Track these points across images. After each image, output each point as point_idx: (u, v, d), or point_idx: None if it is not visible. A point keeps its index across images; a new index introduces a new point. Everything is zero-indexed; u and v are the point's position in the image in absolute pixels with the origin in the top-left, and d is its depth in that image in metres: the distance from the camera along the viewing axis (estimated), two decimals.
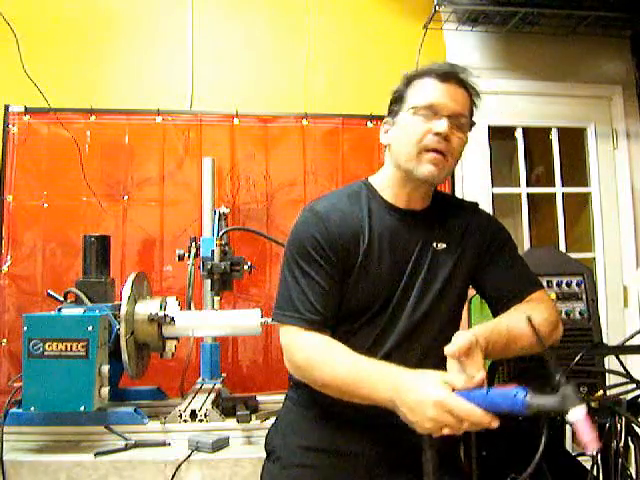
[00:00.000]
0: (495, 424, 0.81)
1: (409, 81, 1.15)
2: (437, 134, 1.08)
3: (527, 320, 0.89)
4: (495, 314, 1.17)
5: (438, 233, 1.18)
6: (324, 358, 1.05)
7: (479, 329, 1.01)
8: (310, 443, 1.16)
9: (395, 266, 1.13)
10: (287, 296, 1.11)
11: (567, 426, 1.37)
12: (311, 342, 1.08)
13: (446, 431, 0.86)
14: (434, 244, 1.16)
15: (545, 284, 1.32)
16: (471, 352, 0.92)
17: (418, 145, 1.09)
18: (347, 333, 1.13)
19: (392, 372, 0.95)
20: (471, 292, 1.29)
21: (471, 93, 1.18)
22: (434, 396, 0.85)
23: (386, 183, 1.19)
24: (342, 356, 1.04)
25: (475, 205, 1.28)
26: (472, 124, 1.19)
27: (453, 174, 2.54)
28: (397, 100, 1.16)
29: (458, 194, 2.53)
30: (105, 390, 1.48)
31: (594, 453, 0.71)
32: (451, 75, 1.12)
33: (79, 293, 1.67)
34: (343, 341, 1.08)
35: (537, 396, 0.74)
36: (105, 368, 1.48)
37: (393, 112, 1.17)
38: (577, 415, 0.71)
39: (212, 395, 1.72)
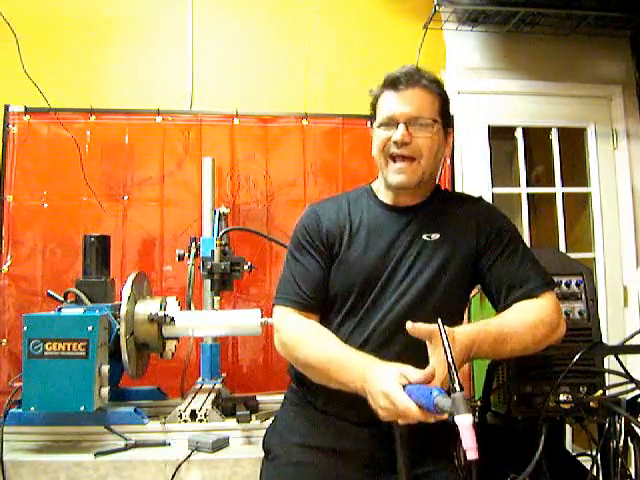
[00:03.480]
0: (430, 420, 0.85)
1: (376, 97, 1.21)
2: (395, 142, 1.14)
3: (438, 322, 0.90)
4: (497, 311, 1.17)
5: (431, 225, 1.19)
6: (307, 339, 1.12)
7: (463, 329, 1.02)
8: (307, 441, 1.18)
9: (380, 257, 1.17)
10: (281, 281, 1.22)
11: (567, 426, 1.37)
12: (297, 323, 1.15)
13: (401, 421, 0.89)
14: (425, 235, 1.18)
15: None
16: (436, 343, 0.94)
17: (383, 154, 1.18)
18: (330, 321, 1.18)
19: (362, 361, 1.00)
20: (473, 292, 1.30)
21: (432, 91, 1.18)
22: (383, 388, 0.90)
23: (379, 185, 1.27)
24: (322, 340, 1.10)
25: (477, 198, 1.29)
26: (446, 117, 1.21)
27: (453, 174, 2.54)
28: (372, 115, 1.24)
29: None
30: (105, 390, 1.48)
31: (473, 458, 0.75)
32: (401, 80, 1.16)
33: (79, 293, 1.67)
34: (328, 329, 1.14)
35: (443, 397, 0.80)
36: (105, 368, 1.48)
37: (372, 127, 1.24)
38: (462, 422, 0.75)
39: (212, 395, 1.72)
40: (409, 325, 0.96)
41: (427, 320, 1.13)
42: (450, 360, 0.83)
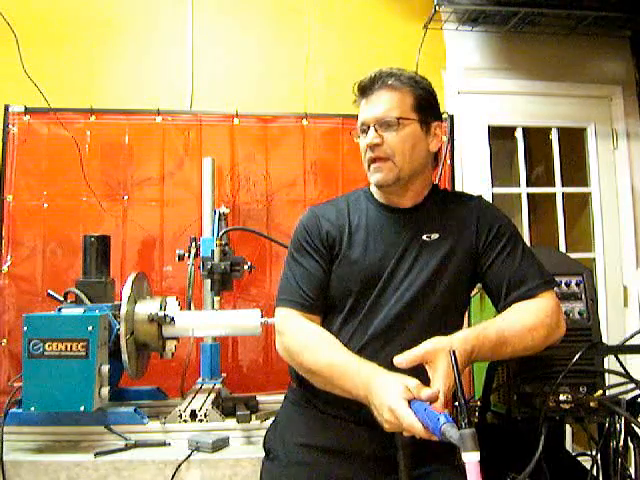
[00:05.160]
0: (434, 439, 0.84)
1: (358, 107, 1.24)
2: (369, 147, 1.17)
3: (450, 353, 0.91)
4: (497, 310, 1.17)
5: (430, 225, 1.20)
6: (310, 345, 1.11)
7: (462, 334, 1.02)
8: (308, 441, 1.18)
9: (380, 258, 1.17)
10: (282, 283, 1.22)
11: (567, 426, 1.38)
12: (301, 327, 1.15)
13: (406, 433, 0.89)
14: (424, 236, 1.18)
15: None
16: (432, 360, 0.95)
17: (366, 161, 1.21)
18: (332, 323, 1.18)
19: (366, 371, 1.00)
20: (473, 291, 1.30)
21: (400, 88, 1.18)
22: (389, 402, 0.90)
23: (374, 189, 1.28)
24: (326, 346, 1.10)
25: (476, 197, 1.29)
26: (424, 110, 1.19)
27: (453, 174, 2.54)
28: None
29: None
30: (105, 390, 1.48)
31: None
32: (367, 86, 1.19)
33: (79, 293, 1.67)
34: (329, 331, 1.14)
35: (451, 427, 0.79)
36: (105, 368, 1.48)
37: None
38: (470, 459, 0.75)
39: (212, 395, 1.72)
40: (397, 361, 0.96)
41: (427, 318, 1.14)
42: (460, 394, 0.83)
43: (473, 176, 2.60)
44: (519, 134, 2.70)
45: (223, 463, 1.45)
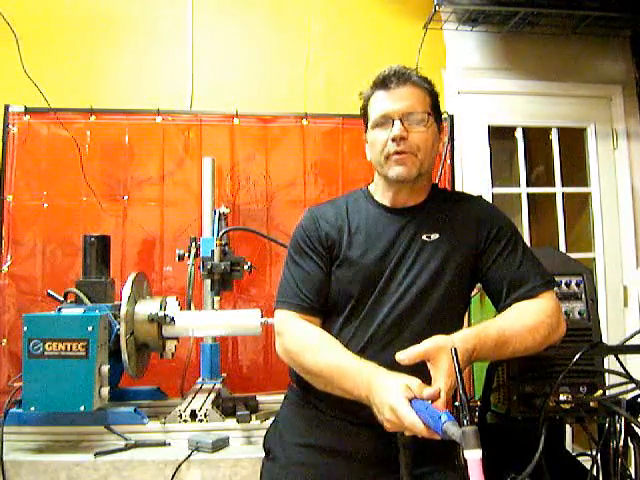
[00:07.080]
0: (436, 437, 0.83)
1: (367, 98, 1.23)
2: (393, 139, 1.14)
3: (451, 351, 0.90)
4: (498, 311, 1.17)
5: (430, 225, 1.19)
6: (310, 346, 1.11)
7: (463, 333, 1.02)
8: (307, 441, 1.18)
9: (379, 258, 1.17)
10: (281, 285, 1.22)
11: (567, 426, 1.38)
12: (300, 328, 1.15)
13: (407, 432, 0.89)
14: (424, 236, 1.18)
15: None
16: (434, 358, 0.94)
17: (383, 154, 1.17)
18: (332, 325, 1.18)
19: (367, 371, 0.99)
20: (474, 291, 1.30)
21: (422, 87, 1.19)
22: (390, 401, 0.89)
23: (376, 187, 1.27)
24: (326, 347, 1.09)
25: (477, 197, 1.29)
26: (437, 112, 1.22)
27: (453, 174, 2.54)
28: (364, 117, 1.24)
29: None
30: (105, 390, 1.48)
31: None
32: (392, 79, 1.17)
33: (79, 293, 1.67)
34: (330, 333, 1.14)
35: (453, 425, 0.79)
36: (105, 368, 1.48)
37: (365, 129, 1.25)
38: (472, 457, 0.75)
39: (212, 395, 1.72)
40: (399, 357, 0.95)
41: (428, 319, 1.14)
42: (462, 392, 0.83)
43: (473, 176, 2.60)
44: (519, 134, 2.70)
45: (223, 463, 1.46)
